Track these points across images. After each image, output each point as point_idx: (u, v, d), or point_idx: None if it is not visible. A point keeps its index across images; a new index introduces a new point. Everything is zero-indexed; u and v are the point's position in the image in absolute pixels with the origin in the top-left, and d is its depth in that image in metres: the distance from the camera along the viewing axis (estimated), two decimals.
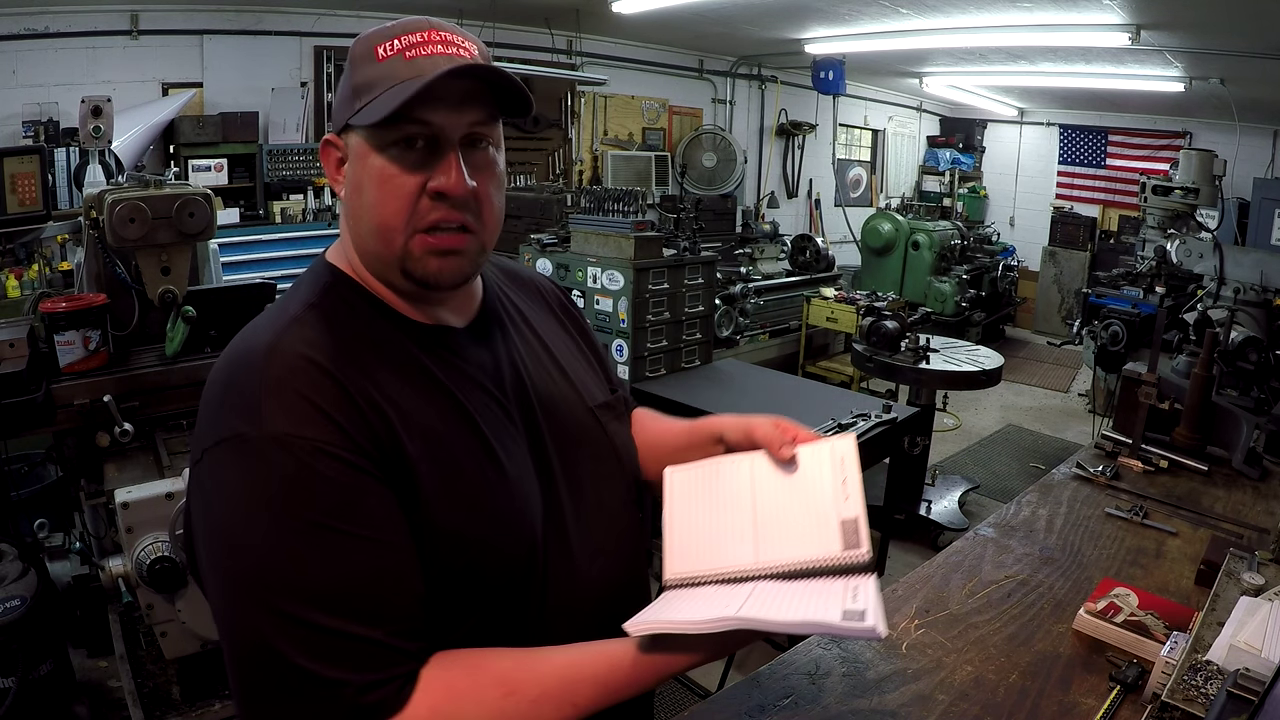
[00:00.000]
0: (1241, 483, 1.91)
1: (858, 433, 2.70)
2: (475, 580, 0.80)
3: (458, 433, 0.82)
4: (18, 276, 3.53)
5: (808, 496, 0.85)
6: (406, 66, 0.78)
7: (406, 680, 0.72)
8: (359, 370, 0.78)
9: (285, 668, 0.68)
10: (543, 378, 0.95)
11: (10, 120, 4.09)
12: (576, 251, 3.61)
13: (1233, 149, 6.46)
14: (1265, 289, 3.03)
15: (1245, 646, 1.06)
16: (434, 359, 0.85)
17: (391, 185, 0.79)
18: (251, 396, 0.73)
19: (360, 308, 0.84)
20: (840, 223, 8.36)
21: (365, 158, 0.80)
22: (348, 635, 0.69)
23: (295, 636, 0.68)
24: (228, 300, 2.41)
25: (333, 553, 0.70)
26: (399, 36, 0.80)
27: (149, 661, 2.22)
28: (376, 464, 0.74)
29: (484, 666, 0.77)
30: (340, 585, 0.70)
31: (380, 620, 0.71)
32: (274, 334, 0.78)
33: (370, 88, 0.79)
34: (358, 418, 0.75)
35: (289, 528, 0.70)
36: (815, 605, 0.73)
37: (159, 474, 2.07)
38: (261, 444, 0.71)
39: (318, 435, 0.72)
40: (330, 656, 0.69)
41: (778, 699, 1.09)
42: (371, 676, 0.70)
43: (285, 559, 0.70)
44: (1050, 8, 4.62)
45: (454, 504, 0.79)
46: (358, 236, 0.84)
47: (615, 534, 0.96)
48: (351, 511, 0.72)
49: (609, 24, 5.86)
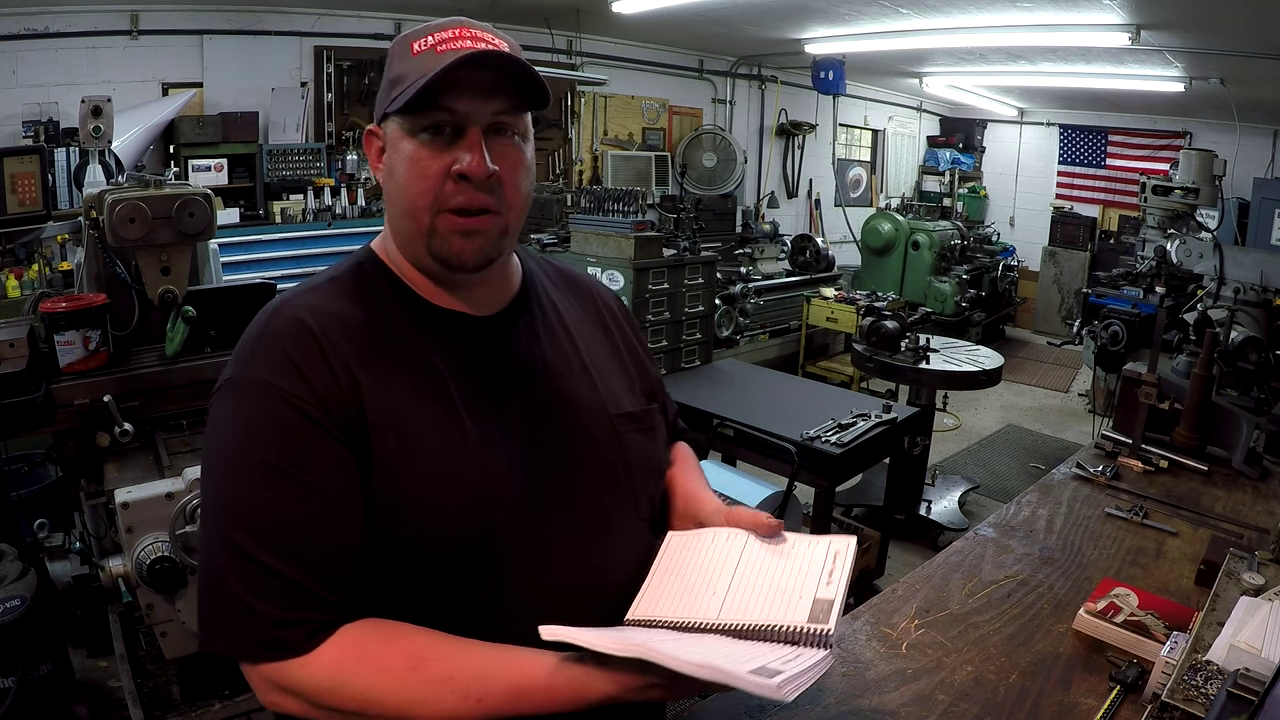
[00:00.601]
0: (1241, 483, 1.91)
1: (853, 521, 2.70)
2: (419, 555, 0.82)
3: (430, 413, 0.85)
4: (18, 276, 3.52)
5: (791, 574, 0.85)
6: (436, 59, 0.83)
7: (321, 628, 0.77)
8: (346, 338, 0.84)
9: (222, 587, 0.77)
10: (562, 378, 0.95)
11: (10, 120, 4.09)
12: (576, 251, 3.61)
13: (1233, 149, 6.45)
14: (1265, 289, 3.03)
15: (1245, 646, 1.06)
16: (436, 341, 0.89)
17: (419, 167, 0.85)
18: (248, 348, 0.84)
19: (380, 287, 0.91)
20: (840, 223, 8.36)
21: (398, 143, 0.86)
22: (276, 573, 0.76)
23: (234, 563, 0.76)
24: (228, 300, 2.41)
25: (279, 495, 0.78)
26: (433, 34, 0.86)
27: (149, 661, 2.22)
28: (337, 424, 0.81)
29: (401, 637, 0.79)
30: (280, 526, 0.77)
31: (309, 566, 0.77)
32: (285, 298, 0.89)
33: (403, 79, 0.85)
34: (329, 379, 0.81)
35: (246, 465, 0.79)
36: (732, 656, 0.71)
37: (159, 474, 2.07)
38: (244, 386, 0.82)
39: (289, 387, 0.80)
40: (257, 588, 0.76)
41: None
42: (286, 615, 0.76)
43: (239, 492, 0.79)
44: (1050, 8, 4.62)
45: (407, 472, 0.82)
46: (392, 218, 0.91)
47: (613, 548, 0.94)
48: (303, 461, 0.79)
49: (609, 24, 5.86)
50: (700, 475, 1.12)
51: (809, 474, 2.73)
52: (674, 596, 0.87)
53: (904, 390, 4.37)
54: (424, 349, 0.88)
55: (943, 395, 4.59)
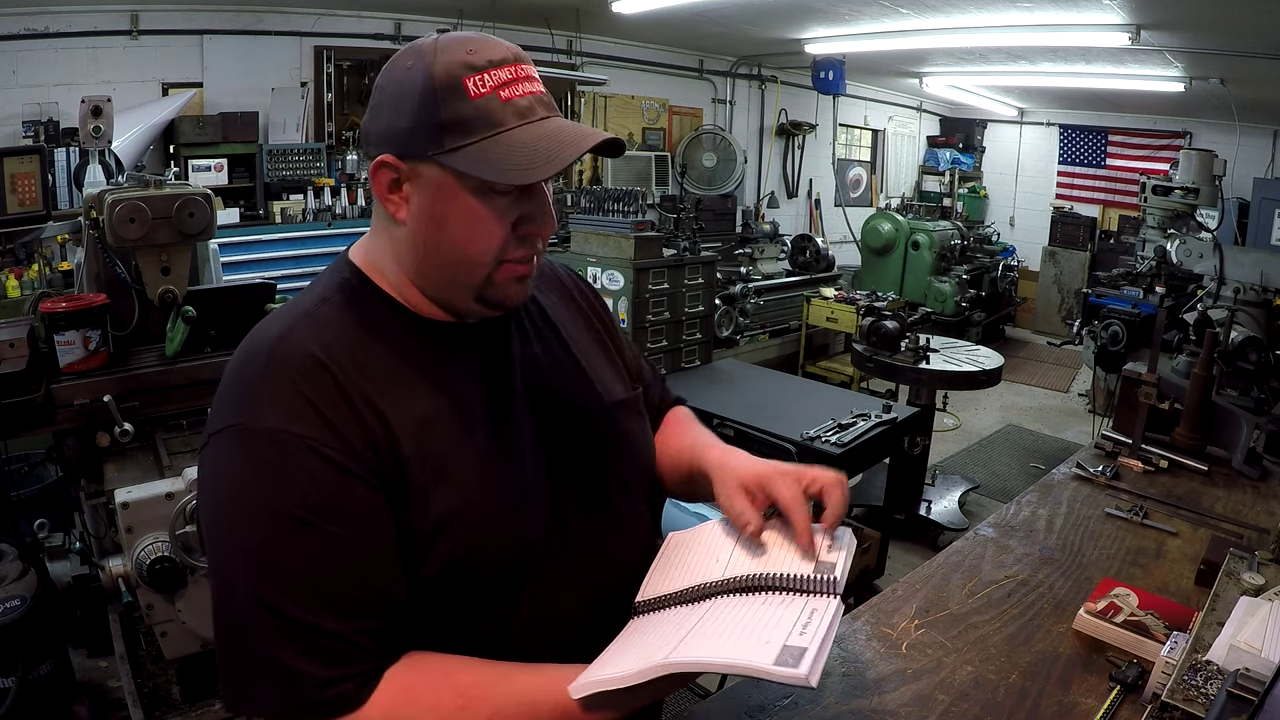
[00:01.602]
0: (1241, 483, 1.91)
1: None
2: (469, 577, 0.81)
3: (454, 427, 0.82)
4: (18, 276, 3.52)
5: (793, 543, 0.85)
6: (504, 109, 0.78)
7: (369, 678, 0.74)
8: (360, 368, 0.79)
9: (258, 650, 0.72)
10: (558, 375, 0.95)
11: (10, 120, 4.09)
12: (576, 251, 3.61)
13: (1233, 149, 6.45)
14: (1265, 289, 3.04)
15: (1245, 646, 1.06)
16: (443, 356, 0.86)
17: (485, 226, 0.80)
18: (253, 389, 0.77)
19: (374, 305, 0.85)
20: (840, 223, 8.36)
21: (454, 196, 0.79)
22: (317, 630, 0.72)
23: (269, 623, 0.71)
24: (228, 300, 2.41)
25: (311, 549, 0.73)
26: (488, 71, 0.78)
27: (149, 661, 2.22)
28: (368, 467, 0.76)
29: (447, 675, 0.78)
30: (315, 581, 0.73)
31: (350, 618, 0.74)
32: (284, 328, 0.81)
33: (466, 127, 0.77)
34: (353, 418, 0.76)
35: (272, 520, 0.73)
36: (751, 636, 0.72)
37: (159, 474, 2.07)
38: (256, 435, 0.74)
39: (309, 433, 0.74)
40: (298, 648, 0.71)
41: (778, 699, 1.09)
42: (335, 672, 0.72)
43: (267, 548, 0.73)
44: (1050, 8, 4.62)
45: (446, 497, 0.79)
46: (425, 263, 0.84)
47: (623, 535, 0.96)
48: (333, 511, 0.74)
49: (609, 24, 5.85)
50: (699, 430, 1.13)
51: None
52: (678, 574, 0.88)
53: (904, 390, 4.38)
54: (434, 366, 0.85)
55: (943, 395, 4.59)
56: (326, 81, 5.14)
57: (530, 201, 0.82)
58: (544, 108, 0.81)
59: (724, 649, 0.71)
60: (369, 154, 0.83)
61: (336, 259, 0.92)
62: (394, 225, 0.84)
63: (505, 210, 0.80)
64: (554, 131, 0.79)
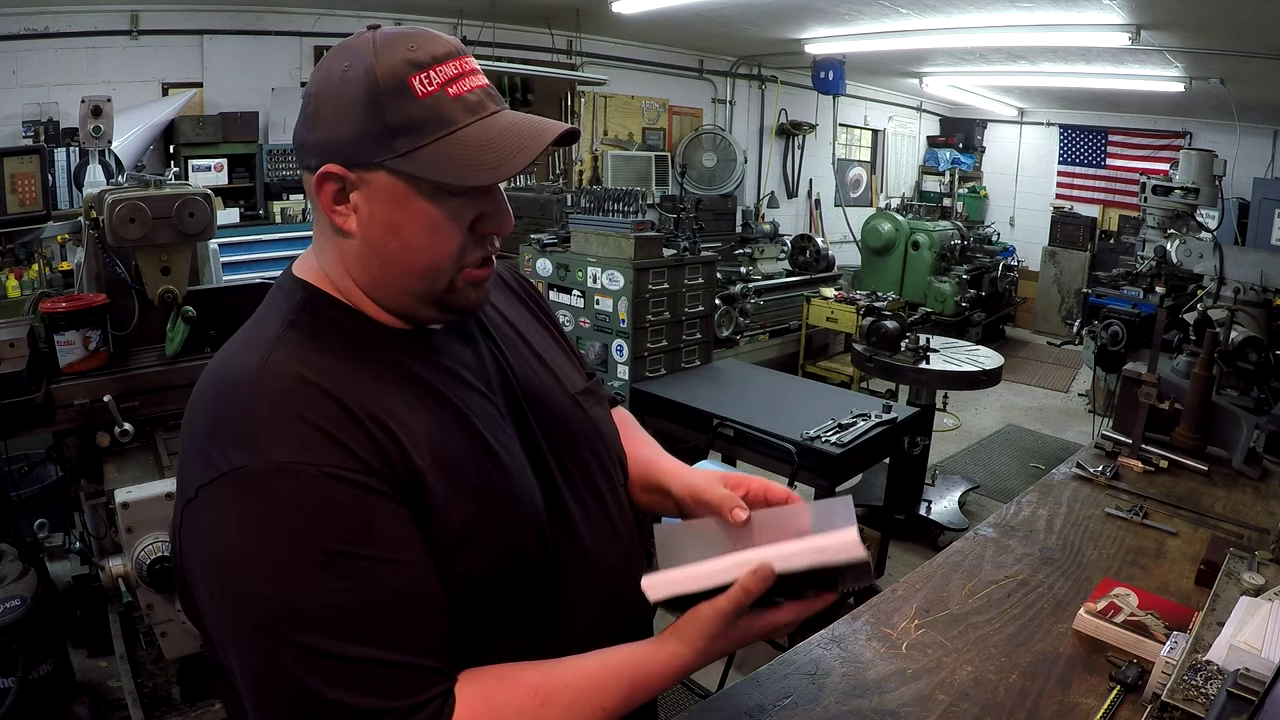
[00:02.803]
0: (1241, 483, 1.91)
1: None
2: (495, 581, 0.80)
3: (457, 435, 0.81)
4: (18, 276, 3.53)
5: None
6: (453, 105, 0.75)
7: (446, 698, 0.71)
8: (354, 385, 0.75)
9: (320, 704, 0.66)
10: (525, 370, 0.95)
11: (10, 120, 4.09)
12: (576, 251, 3.61)
13: (1233, 149, 6.45)
14: (1265, 289, 3.03)
15: (1245, 646, 1.06)
16: (422, 364, 0.83)
17: (442, 230, 0.78)
18: (247, 425, 0.70)
19: (342, 321, 0.81)
20: (840, 223, 8.36)
21: (407, 202, 0.76)
22: (380, 662, 0.68)
23: (326, 670, 0.66)
24: (228, 300, 2.41)
25: (354, 580, 0.68)
26: (433, 68, 0.74)
27: (149, 661, 2.23)
28: (387, 482, 0.72)
29: (515, 678, 0.77)
30: (365, 612, 0.68)
31: (410, 642, 0.70)
32: (259, 356, 0.74)
33: (416, 129, 0.73)
34: (362, 436, 0.72)
35: (305, 560, 0.67)
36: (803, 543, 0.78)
37: (159, 474, 2.07)
38: (266, 475, 0.68)
39: (324, 459, 0.69)
40: (365, 686, 0.67)
41: (778, 699, 1.09)
42: (412, 700, 0.68)
43: (304, 592, 0.67)
44: (1050, 8, 4.62)
45: (464, 507, 0.77)
46: (381, 274, 0.80)
47: (613, 516, 0.97)
48: (368, 535, 0.69)
49: (609, 24, 5.86)
50: (645, 437, 1.18)
51: (809, 474, 2.73)
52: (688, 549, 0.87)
53: (904, 390, 4.38)
54: (418, 373, 0.82)
55: (943, 395, 4.59)
56: None
57: (487, 200, 0.79)
58: (493, 101, 0.78)
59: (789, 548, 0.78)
60: (308, 165, 0.77)
61: (280, 281, 0.86)
62: (342, 238, 0.79)
63: (461, 211, 0.78)
64: (509, 125, 0.77)
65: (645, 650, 0.81)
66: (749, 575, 0.76)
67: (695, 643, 0.79)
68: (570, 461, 0.93)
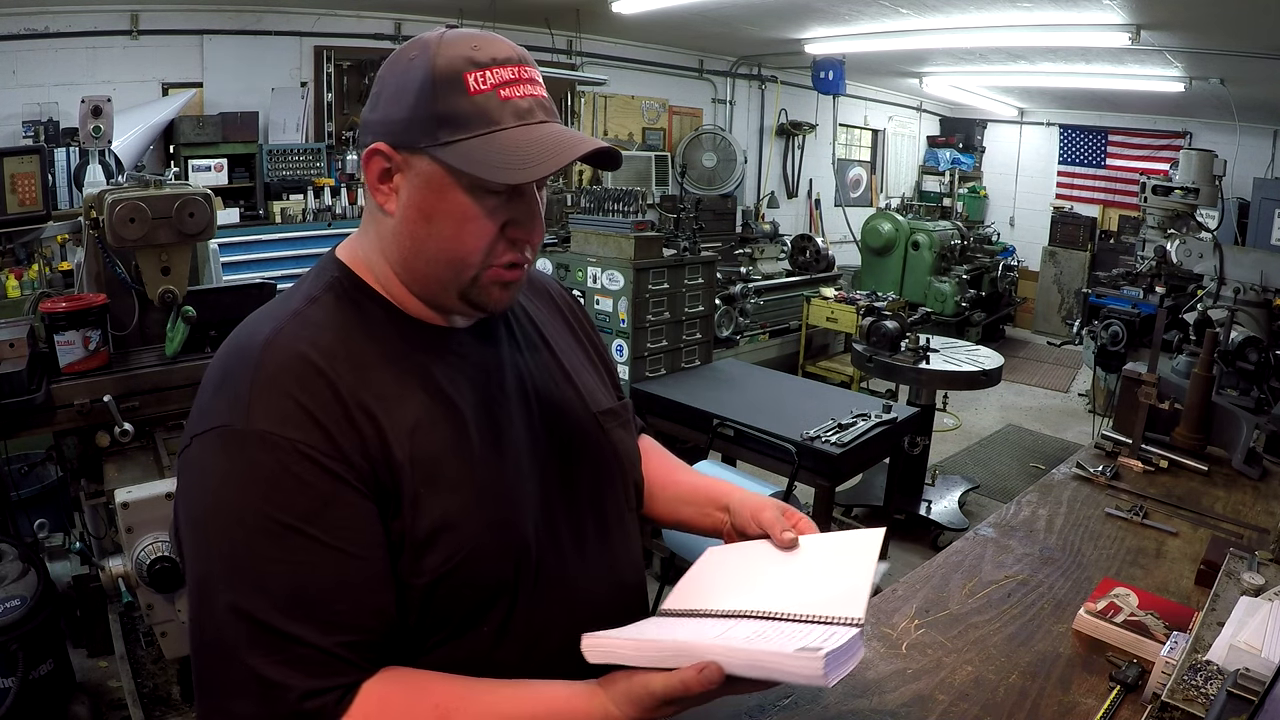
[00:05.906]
0: (1241, 483, 1.91)
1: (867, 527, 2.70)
2: (463, 582, 0.79)
3: (445, 433, 0.81)
4: (18, 276, 3.52)
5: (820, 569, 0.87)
6: (502, 107, 0.77)
7: (347, 690, 0.72)
8: (352, 369, 0.78)
9: (236, 662, 0.69)
10: (546, 381, 0.95)
11: (10, 120, 4.09)
12: (576, 251, 3.61)
13: (1233, 149, 6.45)
14: (1265, 289, 3.03)
15: (1245, 646, 1.06)
16: (434, 359, 0.84)
17: (474, 225, 0.79)
18: (242, 389, 0.74)
19: (364, 305, 0.84)
20: (840, 223, 8.36)
21: (444, 191, 0.78)
22: (300, 640, 0.70)
23: (250, 634, 0.69)
24: (228, 300, 2.41)
25: (297, 557, 0.71)
26: (490, 69, 0.77)
27: (149, 661, 2.23)
28: (360, 473, 0.74)
29: (425, 688, 0.75)
30: (300, 590, 0.71)
31: (334, 630, 0.71)
32: (273, 327, 0.78)
33: (462, 122, 0.76)
34: (346, 424, 0.75)
35: (259, 526, 0.71)
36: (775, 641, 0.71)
37: (159, 474, 2.07)
38: (245, 438, 0.72)
39: (300, 437, 0.72)
40: (279, 659, 0.69)
41: (778, 699, 1.09)
42: (315, 684, 0.70)
43: (251, 556, 0.70)
44: (1050, 8, 4.62)
45: (438, 505, 0.78)
46: (411, 257, 0.82)
47: (613, 538, 0.95)
48: (320, 518, 0.72)
49: (609, 24, 5.85)
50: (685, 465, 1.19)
51: (809, 474, 2.74)
52: (707, 591, 0.88)
53: (904, 390, 4.38)
54: (427, 369, 0.83)
55: (943, 395, 4.60)
56: (326, 81, 5.14)
57: (521, 205, 0.81)
58: (543, 111, 0.80)
59: (743, 644, 0.72)
60: (364, 141, 0.81)
61: (322, 258, 0.90)
62: (383, 217, 0.83)
63: (495, 211, 0.79)
64: (550, 135, 0.78)
65: (574, 698, 0.76)
66: (694, 672, 0.69)
67: (626, 709, 0.73)
68: (577, 477, 0.92)
